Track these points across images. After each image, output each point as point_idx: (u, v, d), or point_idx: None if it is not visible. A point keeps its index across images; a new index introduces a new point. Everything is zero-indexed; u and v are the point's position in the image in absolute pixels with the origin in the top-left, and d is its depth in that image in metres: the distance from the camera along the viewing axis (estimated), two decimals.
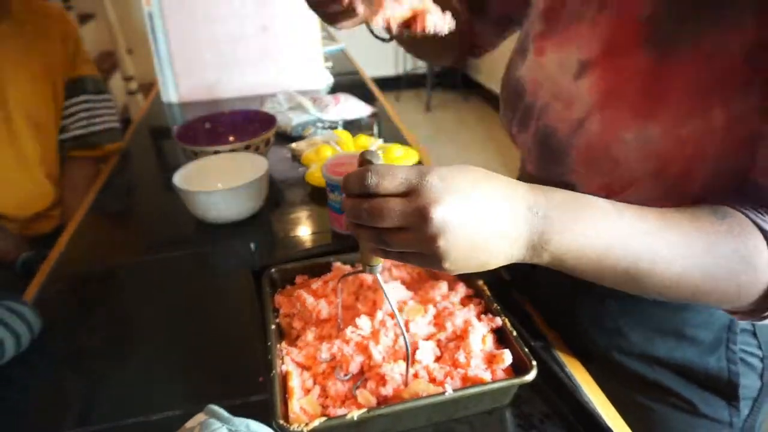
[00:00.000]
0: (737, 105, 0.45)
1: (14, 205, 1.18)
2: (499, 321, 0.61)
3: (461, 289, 0.67)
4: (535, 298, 0.74)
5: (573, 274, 0.44)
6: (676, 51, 0.47)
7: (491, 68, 4.21)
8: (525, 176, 0.69)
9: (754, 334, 0.59)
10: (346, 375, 0.56)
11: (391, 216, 0.38)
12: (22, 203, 1.19)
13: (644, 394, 0.64)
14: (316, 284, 0.68)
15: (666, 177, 0.48)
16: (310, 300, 0.64)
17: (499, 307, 0.62)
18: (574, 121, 0.54)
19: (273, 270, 0.70)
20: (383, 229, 0.40)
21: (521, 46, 0.64)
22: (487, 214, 0.39)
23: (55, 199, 1.24)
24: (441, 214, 0.37)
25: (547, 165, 0.58)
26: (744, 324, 0.58)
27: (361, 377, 0.56)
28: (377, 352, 0.57)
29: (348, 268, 0.70)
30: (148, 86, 2.11)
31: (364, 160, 0.42)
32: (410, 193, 0.39)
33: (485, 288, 0.65)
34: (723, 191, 0.47)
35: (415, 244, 0.39)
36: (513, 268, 0.78)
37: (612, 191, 0.52)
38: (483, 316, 0.63)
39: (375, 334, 0.59)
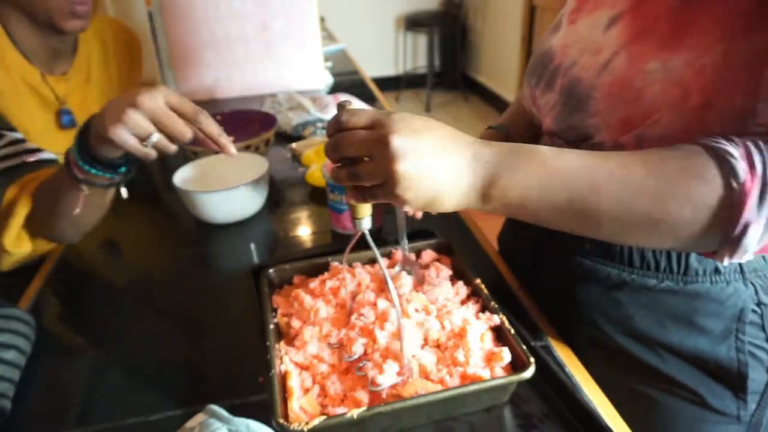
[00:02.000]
0: (759, 38, 0.45)
1: None
2: (497, 319, 0.61)
3: (462, 291, 0.67)
4: (538, 291, 0.74)
5: (525, 218, 0.48)
6: None
7: (491, 68, 4.22)
8: (543, 140, 0.70)
9: (763, 328, 0.59)
10: (350, 357, 0.57)
11: (356, 143, 0.46)
12: None
13: (651, 386, 0.63)
14: (314, 284, 0.68)
15: (686, 108, 0.48)
16: (308, 299, 0.64)
17: (497, 306, 0.63)
18: (600, 65, 0.55)
19: (271, 270, 0.70)
20: (355, 165, 0.47)
21: (555, 25, 0.67)
22: (438, 151, 0.45)
23: None
24: (398, 142, 0.44)
25: (569, 114, 0.59)
26: (753, 317, 0.58)
27: (364, 359, 0.57)
28: (382, 337, 0.58)
29: (346, 266, 0.70)
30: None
31: (339, 106, 0.49)
32: (374, 126, 0.46)
33: (483, 286, 0.66)
34: (742, 132, 0.47)
35: (377, 171, 0.45)
36: (517, 264, 0.80)
37: (633, 125, 0.52)
38: (481, 314, 0.63)
39: (381, 318, 0.61)
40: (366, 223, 0.53)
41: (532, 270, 0.75)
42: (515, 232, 0.82)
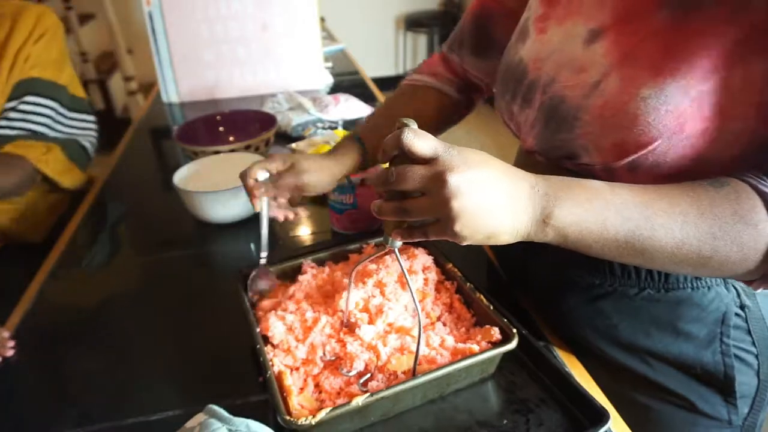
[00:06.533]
0: (757, 67, 0.45)
1: None
2: (475, 298, 0.64)
3: (432, 275, 0.69)
4: (529, 299, 0.74)
5: (579, 249, 0.48)
6: (698, 9, 0.47)
7: None
8: (522, 156, 0.69)
9: (749, 332, 0.59)
10: (348, 371, 0.57)
11: (414, 178, 0.45)
12: None
13: (642, 393, 0.64)
14: (291, 290, 0.68)
15: (681, 136, 0.48)
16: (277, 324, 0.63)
17: (472, 285, 0.65)
18: (588, 85, 0.53)
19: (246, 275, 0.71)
20: (405, 199, 0.46)
21: (520, 31, 0.64)
22: (495, 187, 0.44)
23: None
24: (456, 180, 0.43)
25: (553, 134, 0.58)
26: (736, 320, 0.58)
27: (366, 374, 0.57)
28: (384, 353, 0.57)
29: (316, 268, 0.73)
30: (148, 86, 2.11)
31: (402, 124, 0.47)
32: (432, 161, 0.45)
33: (456, 269, 0.68)
34: (743, 159, 0.47)
35: (432, 208, 0.45)
36: (508, 269, 0.79)
37: (626, 150, 0.51)
38: (457, 295, 0.67)
39: (378, 313, 0.62)
40: (398, 244, 0.52)
41: (522, 282, 0.75)
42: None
